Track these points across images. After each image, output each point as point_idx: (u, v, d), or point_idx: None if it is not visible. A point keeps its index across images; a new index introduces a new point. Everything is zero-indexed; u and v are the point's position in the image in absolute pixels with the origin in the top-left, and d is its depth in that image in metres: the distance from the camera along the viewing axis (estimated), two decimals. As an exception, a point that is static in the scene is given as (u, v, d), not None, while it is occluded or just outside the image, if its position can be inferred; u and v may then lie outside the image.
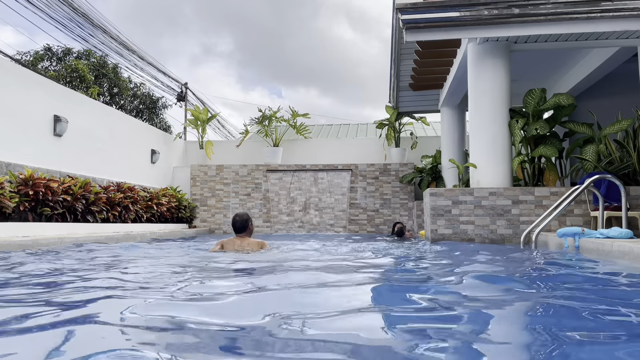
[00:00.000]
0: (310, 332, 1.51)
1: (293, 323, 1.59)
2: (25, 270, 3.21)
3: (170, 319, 1.67)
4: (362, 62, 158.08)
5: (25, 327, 1.58)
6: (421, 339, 1.48)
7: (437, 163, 10.59)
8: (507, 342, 1.45)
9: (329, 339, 1.44)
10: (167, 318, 1.68)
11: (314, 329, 1.54)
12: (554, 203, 5.51)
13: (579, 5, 5.48)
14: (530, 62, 8.28)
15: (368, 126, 17.50)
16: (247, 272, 3.21)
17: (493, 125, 6.41)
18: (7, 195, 5.69)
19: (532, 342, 1.42)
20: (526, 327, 1.61)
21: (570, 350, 1.31)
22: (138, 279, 2.80)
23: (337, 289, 2.42)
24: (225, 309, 1.88)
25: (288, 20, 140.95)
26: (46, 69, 21.09)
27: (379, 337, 1.53)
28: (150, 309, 1.88)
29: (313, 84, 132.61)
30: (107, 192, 7.70)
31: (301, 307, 1.88)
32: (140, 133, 10.60)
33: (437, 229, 6.24)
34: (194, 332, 1.52)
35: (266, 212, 11.25)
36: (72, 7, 16.67)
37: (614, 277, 2.87)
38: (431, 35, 5.93)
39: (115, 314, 1.76)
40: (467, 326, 1.62)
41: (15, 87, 6.98)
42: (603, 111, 7.74)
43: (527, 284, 2.64)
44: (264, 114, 11.68)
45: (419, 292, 2.38)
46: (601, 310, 1.87)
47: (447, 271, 3.25)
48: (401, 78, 9.50)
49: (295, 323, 1.60)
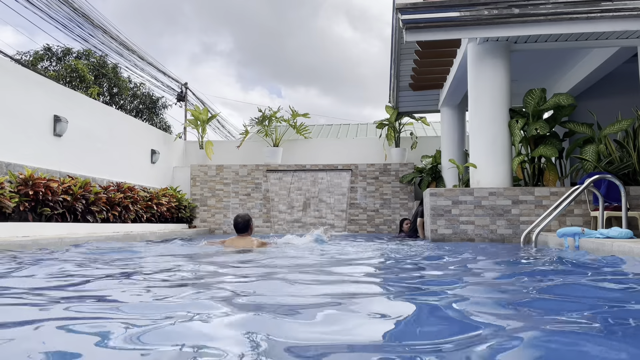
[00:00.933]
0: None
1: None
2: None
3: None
4: (362, 61, 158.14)
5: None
6: (421, 339, 1.48)
7: (437, 163, 10.59)
8: (507, 342, 1.45)
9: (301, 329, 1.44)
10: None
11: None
12: (554, 203, 5.51)
13: (579, 5, 5.48)
14: (530, 62, 8.28)
15: (368, 126, 17.50)
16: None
17: (493, 125, 6.41)
18: (7, 195, 5.69)
19: (532, 342, 1.42)
20: (526, 326, 1.61)
21: (570, 350, 1.31)
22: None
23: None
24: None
25: (288, 19, 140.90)
26: (46, 69, 21.09)
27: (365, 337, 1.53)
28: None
29: (313, 84, 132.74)
30: (107, 192, 7.69)
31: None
32: (140, 133, 10.60)
33: (437, 229, 6.24)
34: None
35: (266, 212, 11.25)
36: (72, 7, 16.67)
37: (613, 277, 2.87)
38: (431, 35, 5.93)
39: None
40: (467, 326, 1.62)
41: (15, 87, 6.98)
42: (603, 111, 7.74)
43: (527, 284, 2.64)
44: (264, 114, 11.68)
45: (418, 291, 2.38)
46: (601, 310, 1.87)
47: (446, 271, 3.25)
48: (401, 78, 9.50)
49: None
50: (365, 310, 1.89)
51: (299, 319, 1.69)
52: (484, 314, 1.79)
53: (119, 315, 1.74)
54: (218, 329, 1.57)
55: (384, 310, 1.92)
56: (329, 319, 1.71)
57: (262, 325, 1.59)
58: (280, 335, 1.44)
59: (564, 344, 1.37)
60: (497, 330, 1.56)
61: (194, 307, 1.88)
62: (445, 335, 1.51)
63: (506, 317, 1.77)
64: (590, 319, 1.70)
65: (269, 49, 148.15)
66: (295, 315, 1.74)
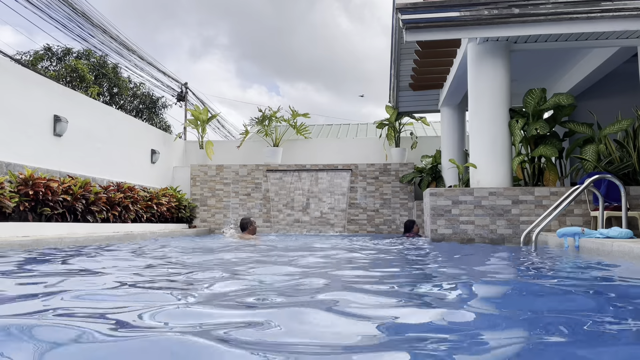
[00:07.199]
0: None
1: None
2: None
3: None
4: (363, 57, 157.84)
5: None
6: (420, 338, 1.48)
7: (437, 163, 10.59)
8: (506, 342, 1.45)
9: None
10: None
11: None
12: (554, 203, 5.51)
13: (579, 5, 5.48)
14: (530, 62, 8.28)
15: (368, 126, 17.50)
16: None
17: (493, 125, 6.41)
18: (7, 195, 5.69)
19: (532, 341, 1.42)
20: (526, 327, 1.61)
21: (570, 349, 1.31)
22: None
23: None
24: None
25: (287, 14, 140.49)
26: (46, 68, 21.08)
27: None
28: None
29: (312, 80, 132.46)
30: (107, 192, 7.69)
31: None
32: (140, 133, 10.60)
33: (437, 229, 6.24)
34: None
35: (266, 212, 11.25)
36: (72, 7, 16.67)
37: (613, 277, 2.87)
38: (431, 35, 5.93)
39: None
40: (465, 326, 1.62)
41: (15, 87, 6.98)
42: (603, 111, 7.74)
43: (526, 284, 2.64)
44: (264, 114, 11.68)
45: (415, 292, 2.38)
46: (601, 310, 1.87)
47: (445, 271, 3.25)
48: (401, 78, 9.50)
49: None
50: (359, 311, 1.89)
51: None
52: (482, 314, 1.79)
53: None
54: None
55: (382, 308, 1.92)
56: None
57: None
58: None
59: (564, 344, 1.37)
60: (496, 330, 1.56)
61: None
62: (441, 333, 1.51)
63: (505, 317, 1.77)
64: (590, 319, 1.70)
65: (269, 44, 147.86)
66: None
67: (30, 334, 1.40)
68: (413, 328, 1.62)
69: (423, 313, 1.85)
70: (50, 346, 1.28)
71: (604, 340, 1.44)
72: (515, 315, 1.80)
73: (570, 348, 1.34)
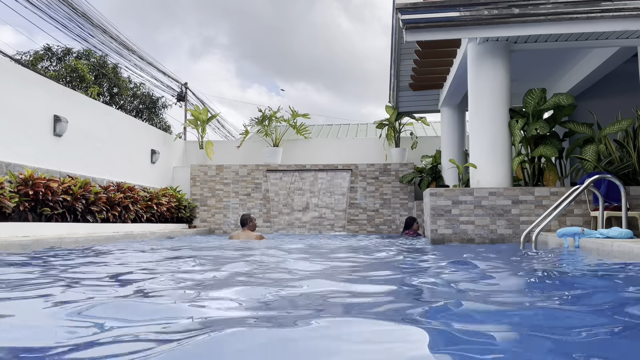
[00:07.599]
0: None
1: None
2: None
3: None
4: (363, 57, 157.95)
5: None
6: (419, 338, 1.48)
7: (437, 163, 10.59)
8: (506, 342, 1.45)
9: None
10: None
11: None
12: (554, 203, 5.51)
13: (579, 5, 5.48)
14: (530, 62, 8.28)
15: (368, 126, 17.50)
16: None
17: (493, 125, 6.41)
18: (7, 195, 5.69)
19: (532, 341, 1.42)
20: (525, 327, 1.61)
21: (570, 350, 1.31)
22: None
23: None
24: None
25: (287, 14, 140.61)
26: (46, 68, 21.08)
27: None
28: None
29: (312, 80, 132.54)
30: (107, 192, 7.69)
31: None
32: (140, 133, 10.60)
33: (437, 229, 6.24)
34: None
35: (266, 212, 11.25)
36: (72, 7, 16.67)
37: (613, 277, 2.87)
38: (431, 35, 5.93)
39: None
40: (465, 327, 1.62)
41: (15, 87, 6.98)
42: (603, 111, 7.74)
43: (526, 284, 2.64)
44: (264, 114, 11.68)
45: (413, 291, 2.38)
46: (601, 309, 1.87)
47: (444, 271, 3.24)
48: (401, 78, 9.50)
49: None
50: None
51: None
52: (482, 315, 1.79)
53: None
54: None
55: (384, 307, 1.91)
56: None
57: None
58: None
59: (564, 344, 1.37)
60: (495, 330, 1.56)
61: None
62: (441, 333, 1.51)
63: (505, 317, 1.77)
64: (590, 319, 1.70)
65: (268, 44, 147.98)
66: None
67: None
68: (409, 326, 1.61)
69: (416, 312, 1.85)
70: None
71: (604, 339, 1.44)
72: (514, 315, 1.80)
73: (570, 347, 1.34)
